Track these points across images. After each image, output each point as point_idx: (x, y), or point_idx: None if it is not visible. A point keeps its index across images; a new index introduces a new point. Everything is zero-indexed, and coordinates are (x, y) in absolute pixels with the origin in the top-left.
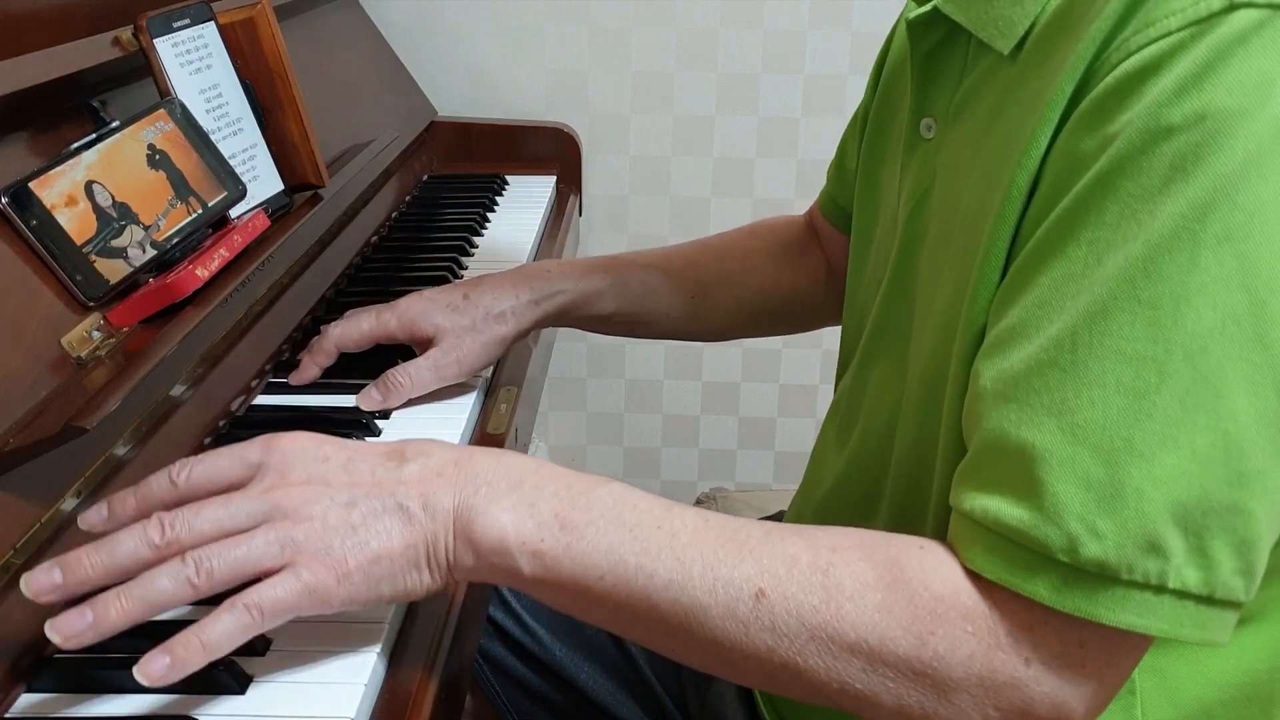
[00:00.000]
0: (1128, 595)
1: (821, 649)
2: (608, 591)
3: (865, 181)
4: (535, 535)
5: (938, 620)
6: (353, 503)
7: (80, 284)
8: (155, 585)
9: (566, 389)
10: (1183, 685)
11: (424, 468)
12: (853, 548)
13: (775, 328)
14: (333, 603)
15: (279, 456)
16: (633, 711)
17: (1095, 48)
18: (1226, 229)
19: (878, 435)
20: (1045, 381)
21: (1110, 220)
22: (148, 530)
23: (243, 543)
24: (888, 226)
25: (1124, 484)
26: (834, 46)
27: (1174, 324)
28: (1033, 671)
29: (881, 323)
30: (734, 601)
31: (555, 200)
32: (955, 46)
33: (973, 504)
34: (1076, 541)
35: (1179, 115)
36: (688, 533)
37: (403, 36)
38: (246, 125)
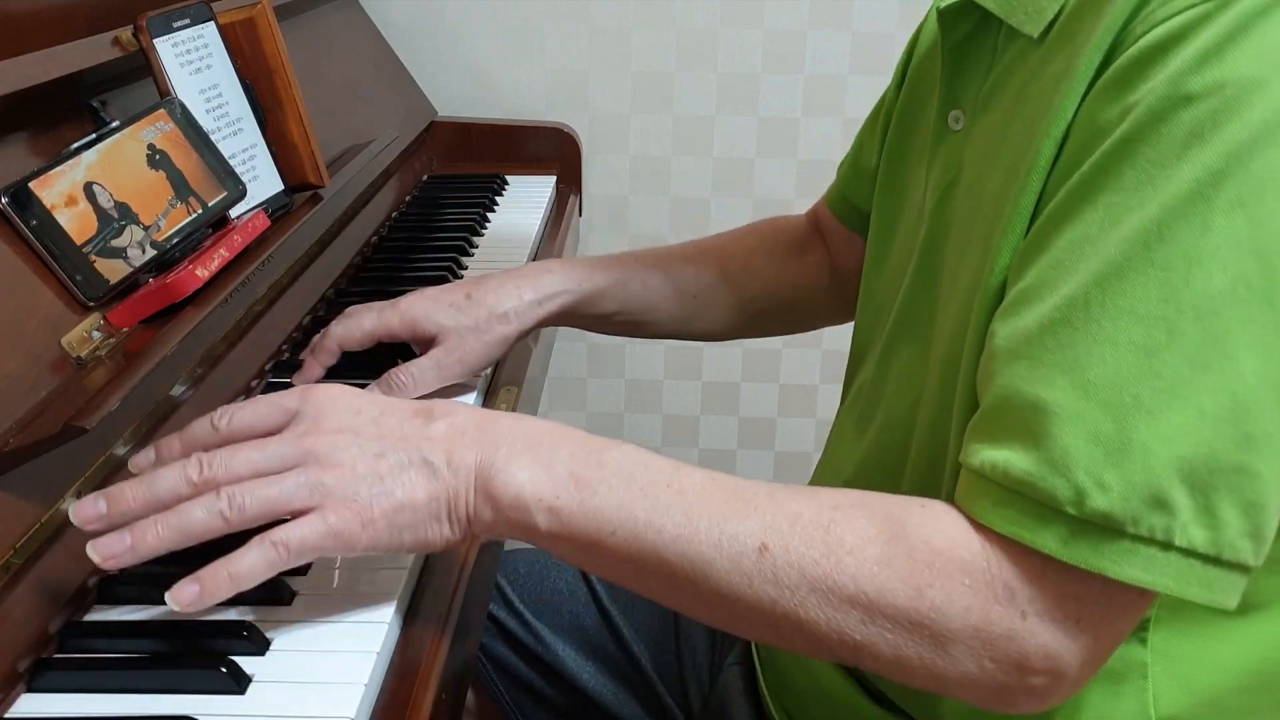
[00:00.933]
0: (1134, 549)
1: (822, 600)
2: (619, 546)
3: (887, 178)
4: (551, 492)
5: (935, 573)
6: (381, 453)
7: (80, 284)
8: (190, 515)
9: (566, 389)
10: (1195, 673)
11: (450, 426)
12: (855, 505)
13: (776, 327)
14: (356, 546)
15: (314, 405)
16: (634, 710)
17: (1121, 21)
18: (1239, 194)
19: (900, 422)
20: (1058, 339)
21: (1128, 185)
22: (187, 468)
23: (274, 483)
24: (912, 219)
25: (1131, 439)
26: (834, 46)
27: (1185, 285)
28: (1029, 624)
29: (905, 312)
30: (738, 555)
31: (555, 200)
32: (985, 36)
33: (982, 458)
34: (1084, 493)
35: (1199, 84)
36: (695, 490)
37: (403, 36)
38: (246, 125)
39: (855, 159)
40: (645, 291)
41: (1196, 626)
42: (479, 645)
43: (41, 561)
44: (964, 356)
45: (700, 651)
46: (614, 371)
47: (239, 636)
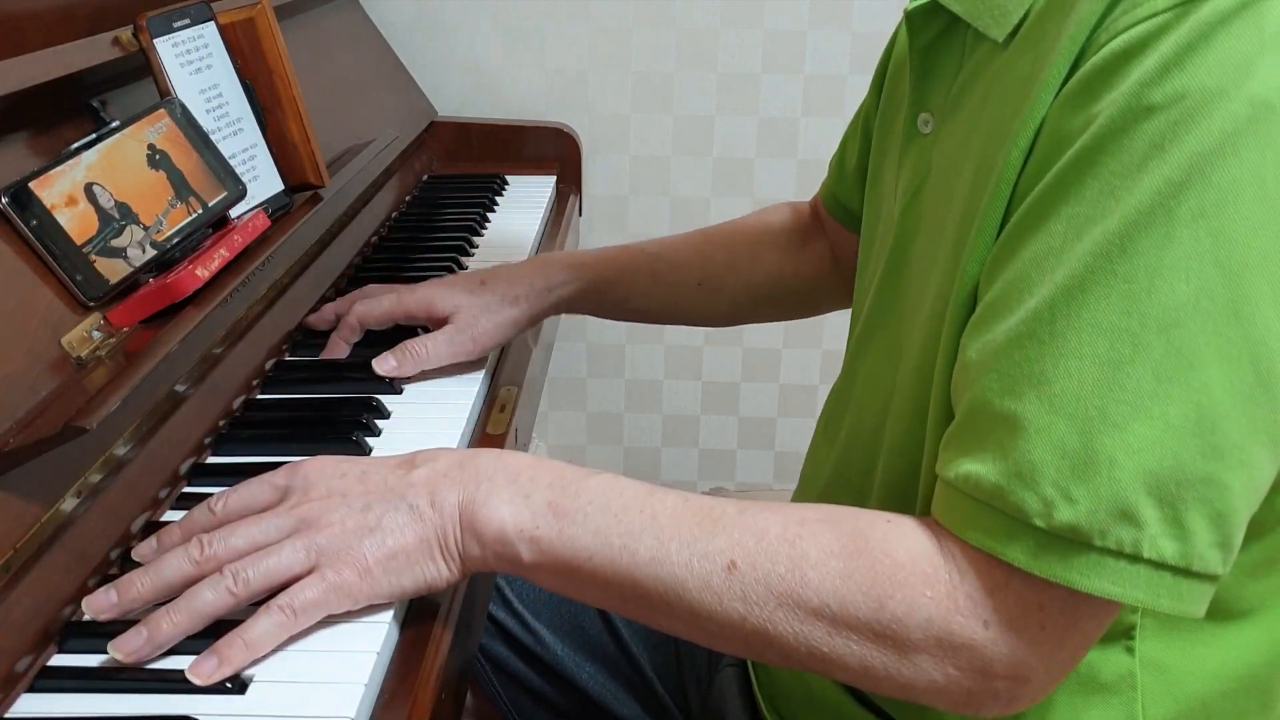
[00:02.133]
0: (1102, 562)
1: (789, 615)
2: (596, 571)
3: (872, 184)
4: (531, 523)
5: (896, 585)
6: (368, 507)
7: (80, 284)
8: (200, 598)
9: (566, 389)
10: (1183, 679)
11: (431, 470)
12: (820, 520)
13: (781, 313)
14: (358, 598)
15: (302, 478)
16: (634, 711)
17: (1088, 29)
18: (1201, 206)
19: (867, 428)
20: (1024, 353)
21: (1090, 196)
22: (189, 550)
23: (273, 553)
24: (885, 223)
25: (1097, 452)
26: (834, 46)
27: (1148, 298)
28: (991, 634)
29: (873, 317)
30: (708, 574)
31: (555, 200)
32: (954, 39)
33: (955, 471)
34: (1051, 506)
35: (1160, 95)
36: (667, 514)
37: (403, 36)
38: (246, 125)
39: (840, 159)
40: (653, 280)
41: (1183, 634)
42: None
43: (41, 561)
44: (937, 365)
45: (698, 652)
46: (614, 371)
47: None
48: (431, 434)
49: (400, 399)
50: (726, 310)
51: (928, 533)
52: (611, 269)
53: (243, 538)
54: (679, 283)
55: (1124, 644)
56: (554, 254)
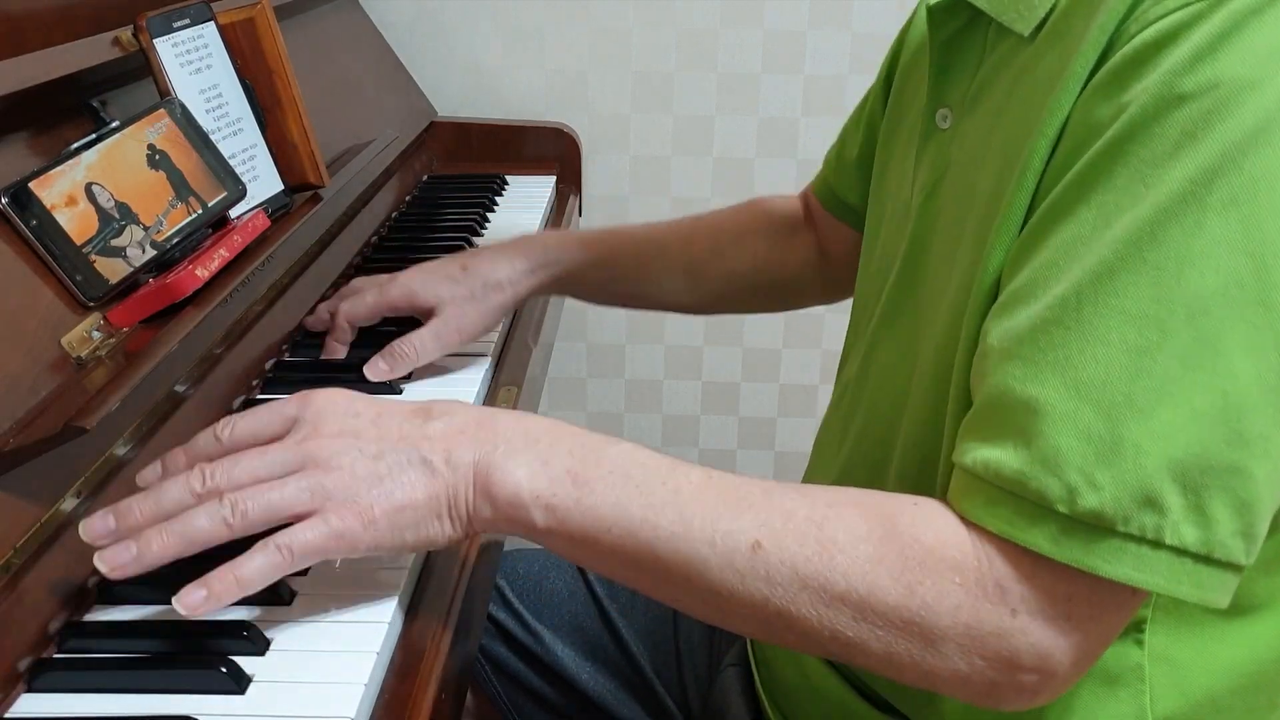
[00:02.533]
0: (1124, 548)
1: (813, 598)
2: (615, 543)
3: (877, 177)
4: (548, 489)
5: (925, 571)
6: (380, 454)
7: (80, 284)
8: (194, 523)
9: (566, 389)
10: (1192, 674)
11: (448, 425)
12: (848, 504)
13: (763, 304)
14: (359, 547)
15: (314, 411)
16: (634, 711)
17: (1116, 20)
18: (1232, 194)
19: (884, 420)
20: (1050, 339)
21: (1120, 184)
22: (190, 479)
23: (276, 488)
24: (898, 217)
25: (1122, 438)
26: (834, 46)
27: (1177, 285)
28: (1019, 622)
29: (890, 310)
30: (731, 552)
31: (555, 200)
32: (974, 34)
33: (974, 456)
34: (1075, 492)
35: (1192, 83)
36: (691, 488)
37: (403, 36)
38: (246, 125)
39: (839, 150)
40: (637, 264)
41: (1193, 628)
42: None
43: (41, 561)
44: (958, 356)
45: (699, 652)
46: (614, 371)
47: (239, 636)
48: None
49: (400, 399)
50: (708, 298)
51: (955, 518)
52: (595, 251)
53: (245, 470)
54: (663, 267)
55: (1134, 637)
56: (537, 234)
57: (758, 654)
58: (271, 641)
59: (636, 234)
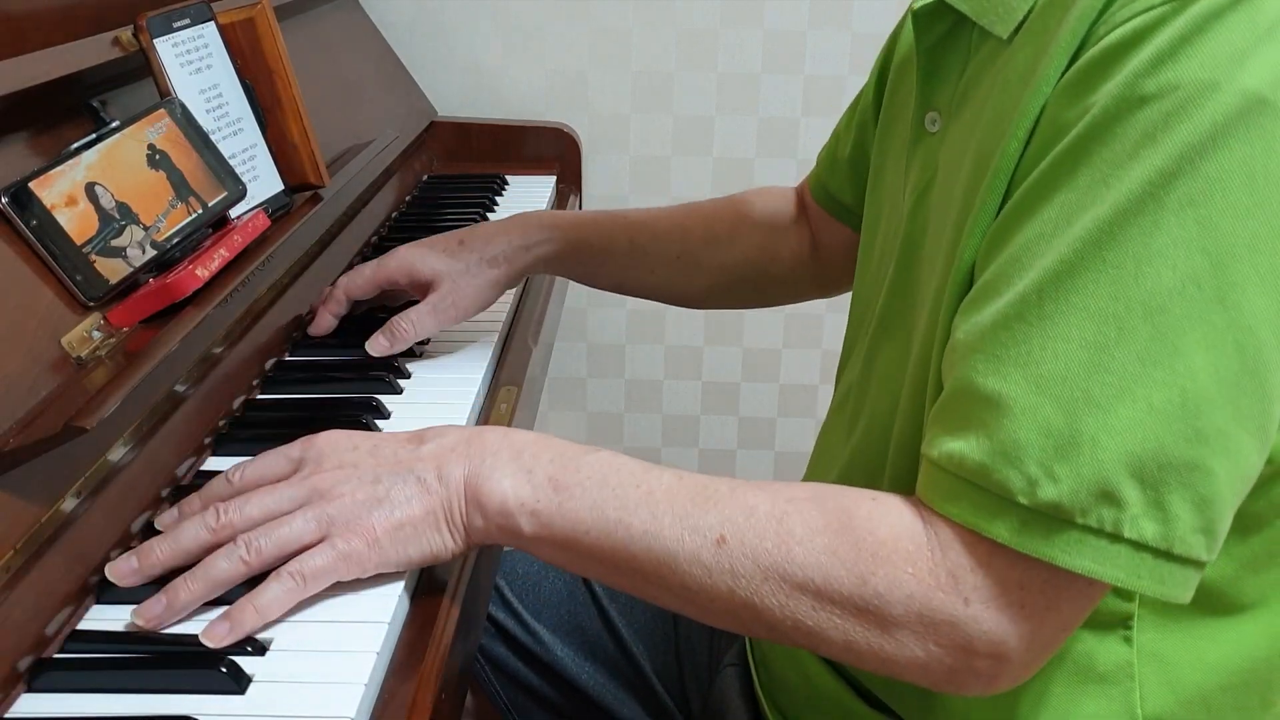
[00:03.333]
0: (1083, 540)
1: (775, 588)
2: (593, 544)
3: (875, 179)
4: (532, 497)
5: (879, 562)
6: (378, 479)
7: (80, 284)
8: (215, 566)
9: (566, 389)
10: (1182, 672)
11: (439, 445)
12: (808, 499)
13: (757, 298)
14: (367, 566)
15: (315, 450)
16: (633, 711)
17: (1088, 23)
18: (1189, 194)
19: (881, 423)
20: (1012, 334)
21: (1082, 184)
22: (206, 518)
23: (285, 523)
24: (893, 221)
25: (1081, 432)
26: (834, 46)
27: (1135, 283)
28: (971, 610)
29: (886, 314)
30: (699, 548)
31: (555, 200)
32: (959, 38)
33: (939, 448)
34: (1035, 484)
35: (1153, 85)
36: (662, 490)
37: (403, 36)
38: (246, 125)
39: (832, 150)
40: (630, 248)
41: (1182, 626)
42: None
43: (41, 561)
44: (934, 353)
45: (699, 652)
46: (614, 371)
47: None
48: None
49: (401, 399)
50: (701, 288)
51: (912, 510)
52: (591, 231)
53: (257, 507)
54: (657, 253)
55: (1122, 634)
56: (533, 212)
57: (757, 654)
58: (271, 641)
59: (632, 218)
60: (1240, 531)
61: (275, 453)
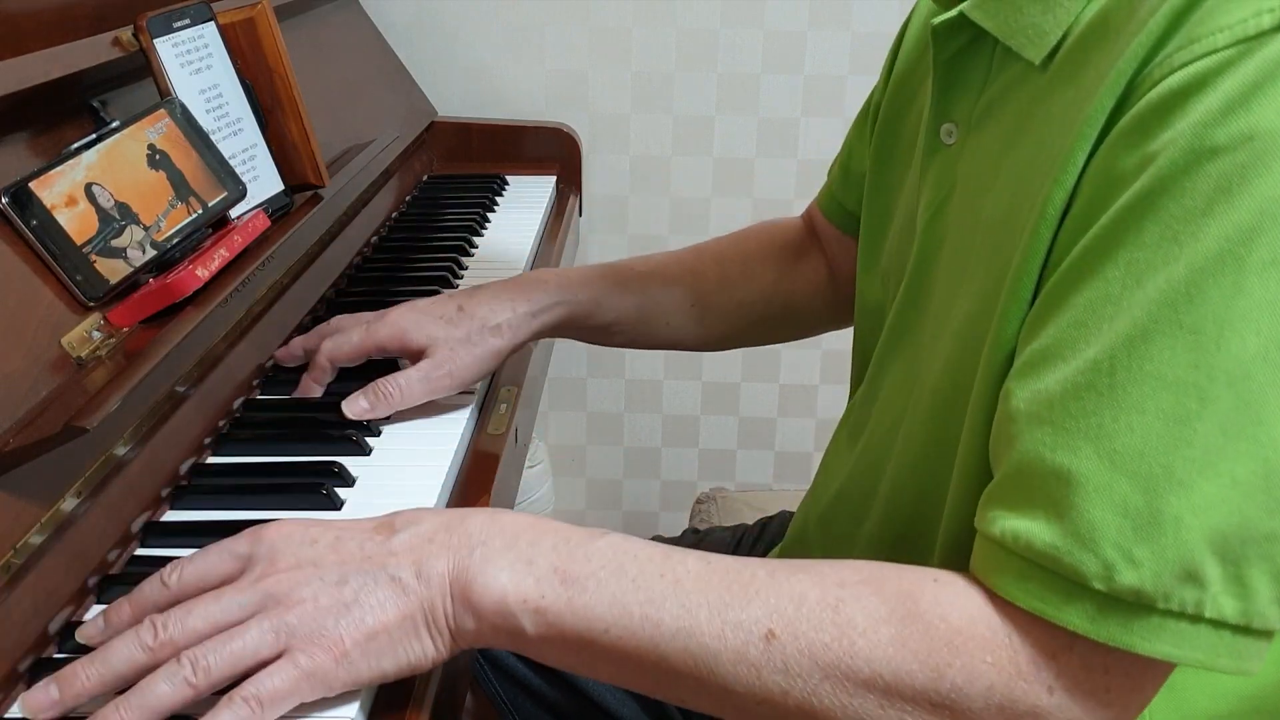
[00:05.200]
0: (1164, 624)
1: (836, 687)
2: (614, 644)
3: (874, 182)
4: (536, 592)
5: (955, 652)
6: (344, 580)
7: (80, 284)
8: (154, 691)
9: (566, 389)
10: (1192, 698)
11: (414, 535)
12: (862, 583)
13: (777, 334)
14: (333, 685)
15: (266, 546)
16: (634, 711)
17: (1137, 63)
18: (1273, 253)
19: (882, 439)
20: (1082, 405)
21: (1150, 241)
22: (140, 634)
23: (237, 635)
24: (904, 231)
25: (1162, 512)
26: (834, 46)
27: (1216, 349)
28: (1055, 700)
29: (896, 330)
30: (744, 645)
31: (555, 200)
32: (980, 52)
33: (1003, 527)
34: (1113, 569)
35: (1225, 135)
36: (691, 578)
37: (403, 36)
38: (246, 125)
39: (846, 162)
40: (642, 300)
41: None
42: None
43: (41, 561)
44: (971, 403)
45: None
46: (614, 371)
47: None
48: (432, 434)
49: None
50: (718, 331)
51: (980, 593)
52: (599, 290)
53: (201, 618)
54: (670, 303)
55: None
56: (538, 272)
57: None
58: None
59: (640, 269)
60: None
61: (217, 548)
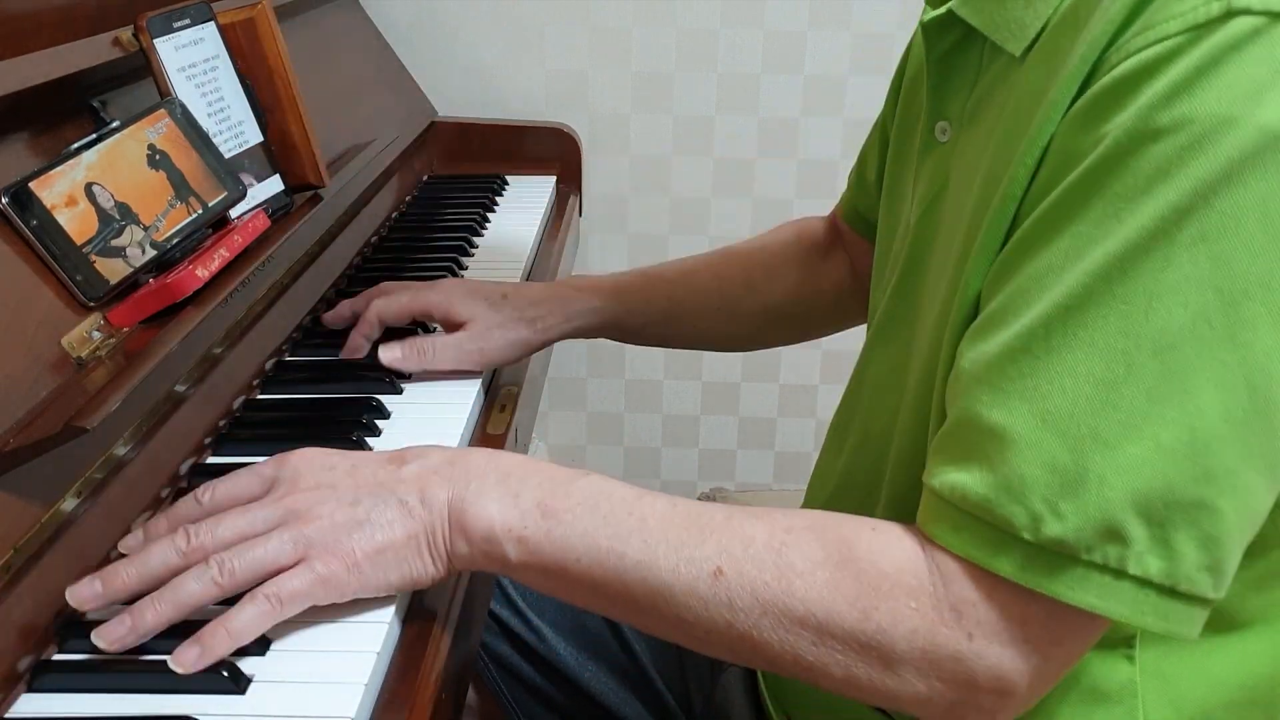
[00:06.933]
0: (1088, 576)
1: (774, 623)
2: (584, 573)
3: (888, 191)
4: (519, 523)
5: (881, 596)
6: (357, 501)
7: (80, 284)
8: (184, 588)
9: (566, 389)
10: (1185, 688)
11: (422, 467)
12: (807, 529)
13: (803, 333)
14: (346, 591)
15: (290, 469)
16: (636, 710)
17: (1099, 50)
18: (1202, 231)
19: (875, 437)
20: (1019, 367)
21: (1094, 217)
22: (175, 540)
23: (260, 543)
24: (902, 231)
25: (1088, 470)
26: (834, 46)
27: (1145, 320)
28: (975, 646)
29: (884, 323)
30: (695, 580)
31: (555, 200)
32: (970, 49)
33: (942, 479)
34: (1040, 520)
35: (1168, 119)
36: (656, 517)
37: (403, 36)
38: (246, 125)
39: (859, 171)
40: (670, 305)
41: (1185, 644)
42: (480, 643)
43: (41, 561)
44: (937, 376)
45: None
46: (614, 371)
47: None
48: (432, 434)
49: (400, 399)
50: (747, 332)
51: (914, 541)
52: (631, 298)
53: (229, 528)
54: (697, 307)
55: (1124, 652)
56: (576, 280)
57: None
58: (271, 641)
59: (669, 275)
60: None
61: (247, 471)
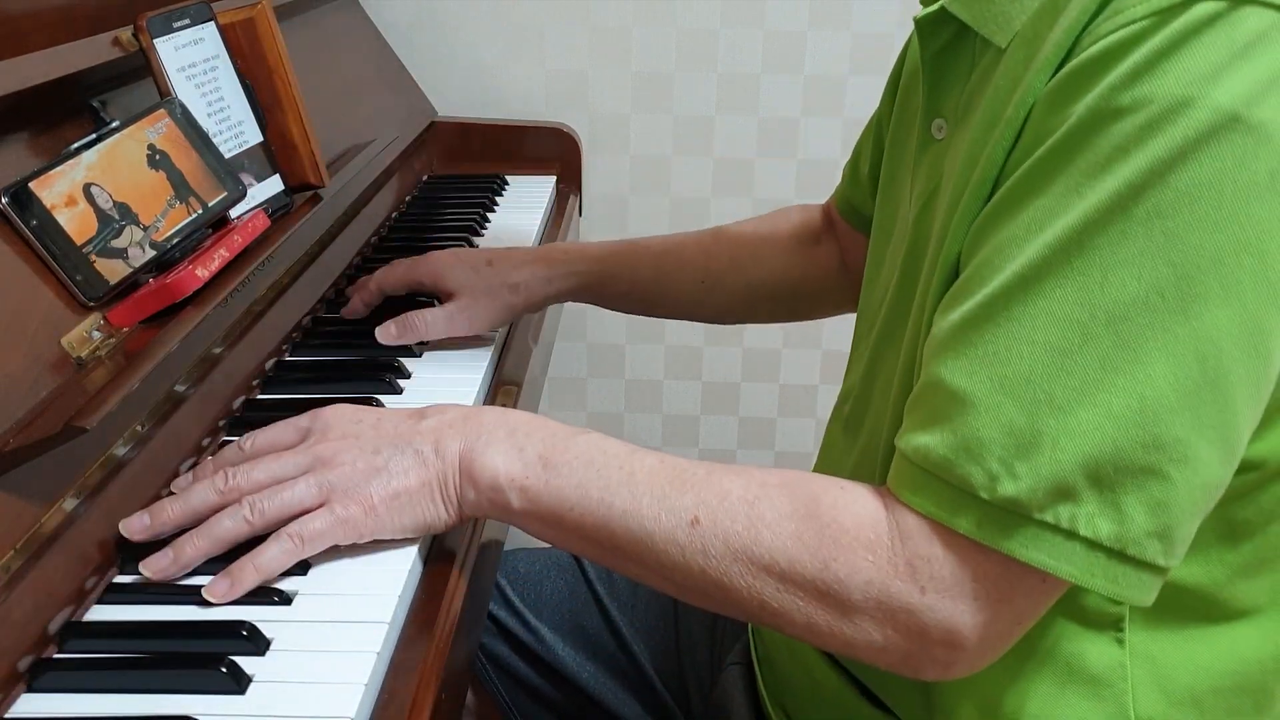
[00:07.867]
0: (1040, 535)
1: (743, 569)
2: (577, 521)
3: (884, 188)
4: (522, 473)
5: (840, 548)
6: (378, 450)
7: (80, 284)
8: (220, 525)
9: (566, 389)
10: (1174, 673)
11: (439, 420)
12: (779, 485)
13: (781, 312)
14: (363, 533)
15: (322, 422)
16: (634, 710)
17: (1074, 34)
18: (1157, 206)
19: (885, 430)
20: (980, 334)
21: (1056, 191)
22: (215, 481)
23: (288, 487)
24: (902, 229)
25: (1041, 433)
26: (834, 46)
27: (1100, 291)
28: (927, 599)
29: (889, 321)
30: (674, 528)
31: (555, 200)
32: (963, 46)
33: (908, 441)
34: (996, 480)
35: (1129, 98)
36: (644, 472)
37: (403, 36)
38: (247, 125)
39: (854, 164)
40: (655, 276)
41: (1174, 629)
42: (479, 645)
43: (41, 561)
44: (918, 354)
45: (700, 651)
46: (614, 371)
47: (239, 636)
48: None
49: (400, 399)
50: (724, 305)
51: (877, 499)
52: (615, 264)
53: (263, 471)
54: (682, 280)
55: (1114, 635)
56: (560, 245)
57: (760, 652)
58: (271, 641)
59: (655, 246)
60: (1231, 538)
61: (285, 423)
